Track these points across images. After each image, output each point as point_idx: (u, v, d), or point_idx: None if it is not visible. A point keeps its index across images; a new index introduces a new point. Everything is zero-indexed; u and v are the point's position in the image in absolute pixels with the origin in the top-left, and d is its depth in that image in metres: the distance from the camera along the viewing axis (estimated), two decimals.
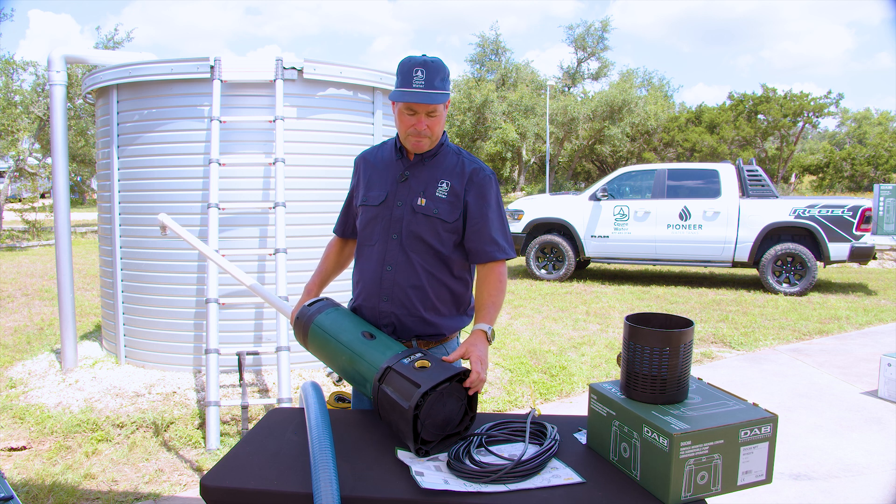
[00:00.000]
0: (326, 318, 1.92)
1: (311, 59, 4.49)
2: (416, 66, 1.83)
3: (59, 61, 4.68)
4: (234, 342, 4.31)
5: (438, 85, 1.85)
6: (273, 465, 1.51)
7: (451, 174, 1.97)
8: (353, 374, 1.78)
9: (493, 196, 1.99)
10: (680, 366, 1.49)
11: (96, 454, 3.62)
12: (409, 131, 1.91)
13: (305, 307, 1.99)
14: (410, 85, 1.83)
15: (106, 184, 4.92)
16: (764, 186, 9.15)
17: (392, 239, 1.96)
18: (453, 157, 2.02)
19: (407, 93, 1.83)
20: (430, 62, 1.84)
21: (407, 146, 1.97)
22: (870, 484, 3.37)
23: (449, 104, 1.98)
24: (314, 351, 1.95)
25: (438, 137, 1.98)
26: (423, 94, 1.82)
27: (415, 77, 1.82)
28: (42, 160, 17.36)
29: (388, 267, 1.97)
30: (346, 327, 1.87)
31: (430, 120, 1.89)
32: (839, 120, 48.92)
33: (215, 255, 3.01)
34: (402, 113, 1.89)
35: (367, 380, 1.72)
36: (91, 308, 7.60)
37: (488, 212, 1.96)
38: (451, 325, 2.02)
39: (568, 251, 9.88)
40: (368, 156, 2.12)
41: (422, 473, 1.42)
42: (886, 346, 6.11)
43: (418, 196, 1.95)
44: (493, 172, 2.04)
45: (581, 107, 35.53)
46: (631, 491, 1.38)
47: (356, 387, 1.82)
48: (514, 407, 4.46)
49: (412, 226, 1.94)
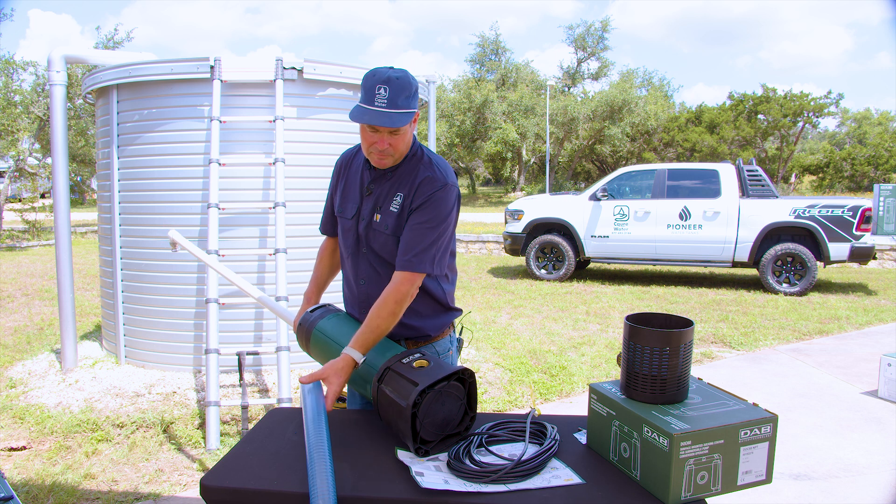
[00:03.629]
0: (328, 322, 1.96)
1: (311, 59, 4.49)
2: (379, 84, 1.71)
3: (59, 61, 4.67)
4: (234, 342, 4.31)
5: (402, 104, 1.73)
6: (273, 465, 1.52)
7: (405, 184, 1.86)
8: (354, 376, 1.81)
9: (433, 208, 1.83)
10: (680, 366, 1.49)
11: (96, 454, 3.62)
12: (370, 149, 1.82)
13: (307, 313, 2.02)
14: (372, 103, 1.71)
15: (106, 184, 4.92)
16: (764, 186, 9.15)
17: (362, 253, 1.95)
18: (414, 165, 1.89)
19: (367, 112, 1.72)
20: (394, 79, 1.72)
21: (371, 163, 1.89)
22: (870, 484, 3.37)
23: (418, 118, 1.87)
24: (316, 355, 1.98)
25: (403, 153, 1.86)
26: (383, 115, 1.71)
27: (377, 95, 1.71)
28: (42, 160, 17.35)
29: (360, 281, 1.98)
30: (346, 331, 1.89)
31: (392, 138, 1.78)
32: (839, 120, 48.96)
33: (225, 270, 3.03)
34: (364, 129, 1.79)
35: (368, 381, 1.74)
36: (91, 308, 7.60)
37: (418, 223, 1.83)
38: (435, 324, 2.01)
39: (568, 251, 9.88)
40: (346, 160, 2.06)
41: (422, 473, 1.42)
42: (886, 346, 6.11)
43: (375, 212, 1.90)
44: (452, 186, 1.87)
45: (581, 107, 35.53)
46: (631, 491, 1.38)
47: (358, 389, 1.84)
48: (514, 407, 4.46)
49: (371, 242, 1.92)
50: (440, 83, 37.84)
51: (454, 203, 1.90)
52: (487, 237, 14.19)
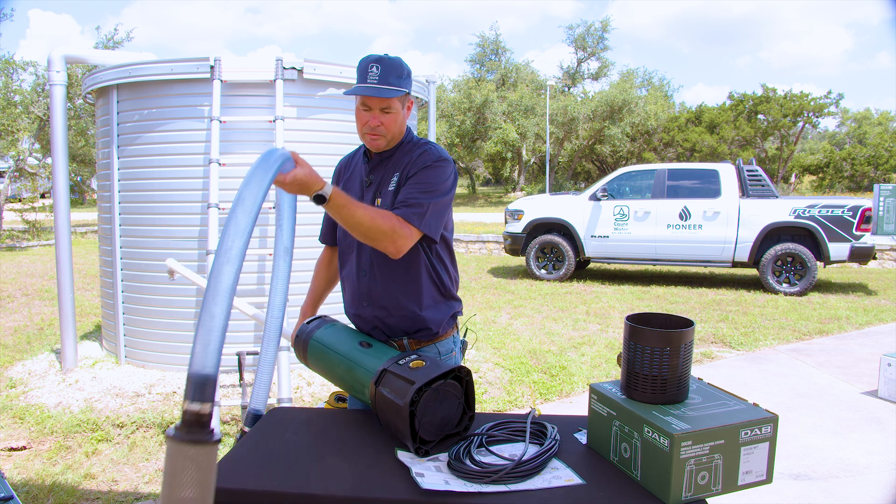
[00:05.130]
0: (324, 332, 1.96)
1: (311, 59, 4.49)
2: (371, 63, 1.84)
3: (59, 61, 4.67)
4: (234, 342, 4.31)
5: (394, 82, 1.84)
6: (273, 465, 1.51)
7: (402, 164, 1.94)
8: (352, 382, 1.81)
9: (427, 176, 1.87)
10: (680, 366, 1.49)
11: (96, 454, 3.62)
12: (364, 129, 1.91)
13: (304, 325, 2.02)
14: (365, 80, 1.84)
15: (106, 184, 4.92)
16: (764, 186, 9.15)
17: (363, 245, 1.96)
18: (411, 148, 1.96)
19: (361, 87, 1.84)
20: (385, 59, 1.85)
21: (365, 144, 1.98)
22: (870, 484, 3.37)
23: (412, 106, 1.97)
24: (314, 366, 1.98)
25: (396, 137, 1.94)
26: (374, 89, 1.83)
27: (370, 73, 1.83)
28: (42, 160, 17.35)
29: (362, 272, 1.98)
30: (343, 339, 1.91)
31: (384, 116, 1.87)
32: (839, 120, 48.95)
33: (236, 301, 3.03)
34: (359, 109, 1.90)
35: (365, 385, 1.74)
36: (91, 308, 7.60)
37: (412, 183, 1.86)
38: (437, 316, 1.99)
39: (568, 251, 9.88)
40: (345, 162, 2.14)
41: (422, 474, 1.42)
42: (886, 346, 6.11)
43: (376, 198, 1.95)
44: (448, 161, 1.93)
45: (581, 107, 35.53)
46: (631, 491, 1.38)
47: (355, 395, 1.84)
48: (514, 407, 4.46)
49: None
50: (440, 83, 37.82)
51: (450, 177, 1.92)
52: (487, 237, 14.19)
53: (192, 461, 1.06)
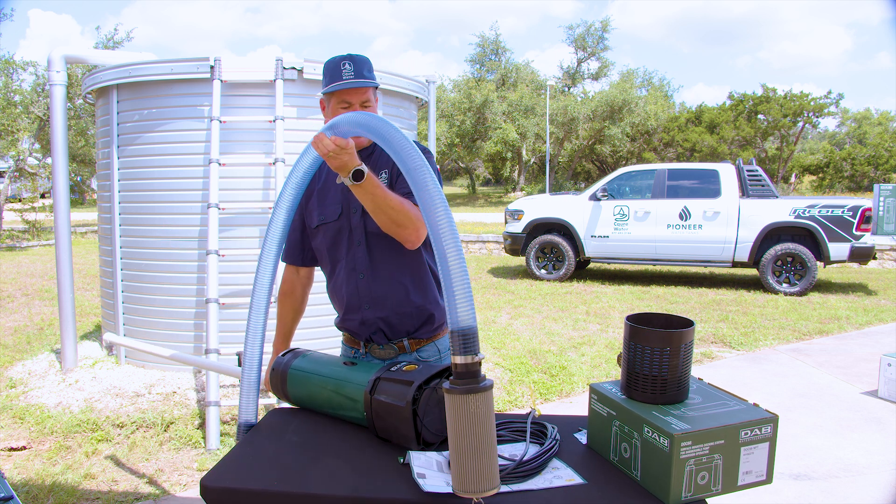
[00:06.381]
0: (303, 360, 1.90)
1: (311, 59, 4.49)
2: (343, 61, 1.89)
3: (59, 61, 4.67)
4: (234, 342, 4.31)
5: (368, 75, 1.90)
6: (273, 466, 1.51)
7: (385, 160, 1.96)
8: (342, 400, 1.75)
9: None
10: (680, 366, 1.49)
11: (96, 454, 3.62)
12: None
13: (279, 357, 1.95)
14: (341, 77, 1.88)
15: (106, 184, 4.92)
16: (764, 186, 9.15)
17: (357, 246, 1.95)
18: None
19: (339, 84, 1.88)
20: (355, 56, 1.91)
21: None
22: (870, 484, 3.37)
23: (377, 101, 2.02)
24: (295, 394, 1.88)
25: None
26: (354, 81, 1.87)
27: (344, 70, 1.88)
28: (42, 160, 17.35)
29: (360, 275, 1.96)
30: (324, 363, 1.86)
31: (366, 111, 1.88)
32: (839, 120, 48.96)
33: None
34: (336, 109, 1.91)
35: (357, 399, 1.68)
36: (91, 308, 7.60)
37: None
38: (440, 308, 2.00)
39: (568, 251, 9.88)
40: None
41: (423, 475, 1.42)
42: (886, 346, 6.11)
43: None
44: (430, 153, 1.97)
45: (581, 107, 35.52)
46: (631, 491, 1.38)
47: (345, 414, 1.76)
48: (514, 407, 4.46)
49: (368, 226, 1.93)
50: (440, 83, 37.80)
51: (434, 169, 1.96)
52: (487, 237, 14.19)
53: (470, 409, 1.20)
